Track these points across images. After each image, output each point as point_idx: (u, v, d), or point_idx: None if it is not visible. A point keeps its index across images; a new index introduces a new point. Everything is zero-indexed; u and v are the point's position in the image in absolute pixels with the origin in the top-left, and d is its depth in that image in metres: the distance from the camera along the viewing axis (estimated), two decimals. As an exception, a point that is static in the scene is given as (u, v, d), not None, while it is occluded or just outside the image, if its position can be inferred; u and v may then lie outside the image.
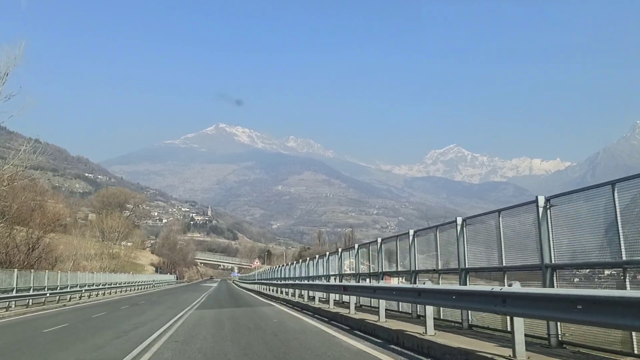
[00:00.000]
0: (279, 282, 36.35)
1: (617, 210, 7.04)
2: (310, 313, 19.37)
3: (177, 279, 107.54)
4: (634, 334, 6.71)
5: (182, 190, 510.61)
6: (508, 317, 9.29)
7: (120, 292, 48.58)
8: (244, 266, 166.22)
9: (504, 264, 9.89)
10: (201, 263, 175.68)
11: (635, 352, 6.73)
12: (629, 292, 5.88)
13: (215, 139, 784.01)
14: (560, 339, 8.09)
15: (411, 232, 14.58)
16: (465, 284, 11.23)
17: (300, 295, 25.12)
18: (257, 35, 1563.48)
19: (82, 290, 36.84)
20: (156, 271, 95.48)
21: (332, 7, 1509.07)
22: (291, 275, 34.12)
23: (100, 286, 42.69)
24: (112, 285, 46.76)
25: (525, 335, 7.13)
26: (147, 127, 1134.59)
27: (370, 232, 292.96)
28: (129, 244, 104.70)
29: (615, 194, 7.09)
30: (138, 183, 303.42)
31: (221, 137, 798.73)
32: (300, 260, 32.62)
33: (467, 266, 11.39)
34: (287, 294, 28.91)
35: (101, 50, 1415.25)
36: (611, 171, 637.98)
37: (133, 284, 57.83)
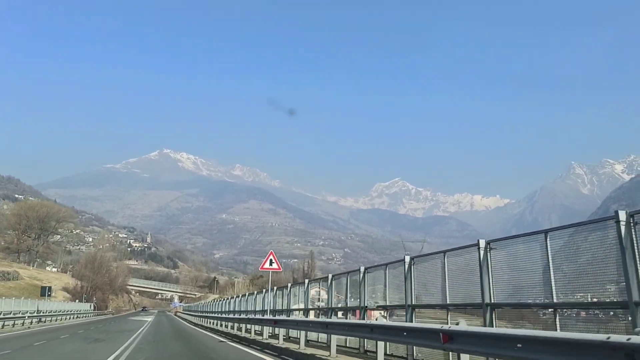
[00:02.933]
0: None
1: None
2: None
3: (94, 308, 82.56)
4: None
5: (121, 216, 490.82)
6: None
7: None
8: (188, 295, 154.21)
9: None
10: (135, 291, 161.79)
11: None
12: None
13: (158, 164, 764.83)
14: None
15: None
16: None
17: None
18: (206, 62, 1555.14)
19: None
20: (42, 295, 60.49)
21: (281, 37, 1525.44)
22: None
23: None
24: None
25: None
26: (86, 150, 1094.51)
27: (316, 264, 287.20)
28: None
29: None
30: (73, 207, 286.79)
31: (165, 162, 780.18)
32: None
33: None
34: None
35: (41, 67, 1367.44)
36: (548, 209, 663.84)
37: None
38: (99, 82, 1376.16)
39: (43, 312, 46.71)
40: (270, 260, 25.31)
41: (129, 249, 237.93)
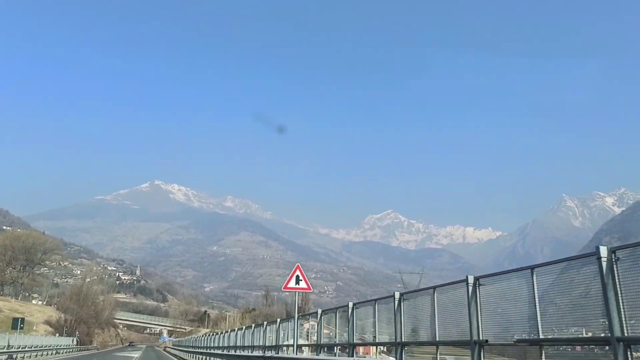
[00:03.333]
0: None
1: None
2: None
3: (77, 343, 77.20)
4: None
5: (111, 249, 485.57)
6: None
7: None
8: (178, 329, 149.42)
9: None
10: (123, 325, 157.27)
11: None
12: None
13: (149, 196, 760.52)
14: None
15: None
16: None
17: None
18: (196, 94, 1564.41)
19: None
20: (13, 327, 54.26)
21: (272, 64, 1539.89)
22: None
23: None
24: None
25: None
26: (77, 181, 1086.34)
27: (308, 297, 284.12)
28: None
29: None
30: (62, 239, 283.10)
31: (156, 194, 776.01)
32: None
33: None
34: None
35: (30, 99, 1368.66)
36: (540, 242, 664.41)
37: None
38: (90, 114, 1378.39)
39: (14, 348, 41.42)
40: (297, 277, 18.21)
41: (117, 282, 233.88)
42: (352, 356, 13.74)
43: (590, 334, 7.44)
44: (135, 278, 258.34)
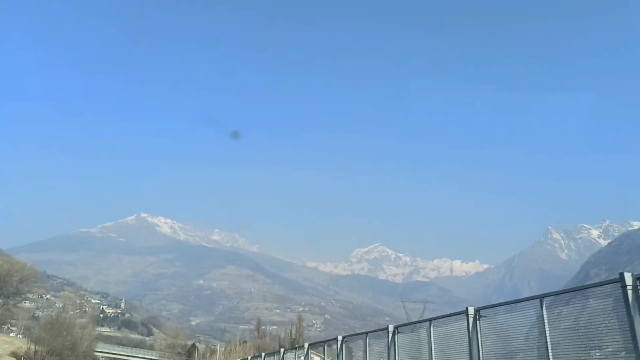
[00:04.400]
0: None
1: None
2: None
3: None
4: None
5: (95, 282, 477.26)
6: None
7: None
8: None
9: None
10: (105, 359, 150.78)
11: None
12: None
13: (135, 229, 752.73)
14: None
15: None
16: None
17: None
18: (184, 131, 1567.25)
19: None
20: None
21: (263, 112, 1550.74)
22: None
23: None
24: None
25: None
26: (61, 213, 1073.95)
27: (302, 329, 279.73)
28: None
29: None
30: (45, 272, 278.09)
31: (142, 227, 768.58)
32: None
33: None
34: None
35: (15, 132, 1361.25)
36: (528, 275, 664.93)
37: None
38: (76, 145, 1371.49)
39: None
40: None
41: (101, 315, 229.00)
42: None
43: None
44: (119, 311, 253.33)
